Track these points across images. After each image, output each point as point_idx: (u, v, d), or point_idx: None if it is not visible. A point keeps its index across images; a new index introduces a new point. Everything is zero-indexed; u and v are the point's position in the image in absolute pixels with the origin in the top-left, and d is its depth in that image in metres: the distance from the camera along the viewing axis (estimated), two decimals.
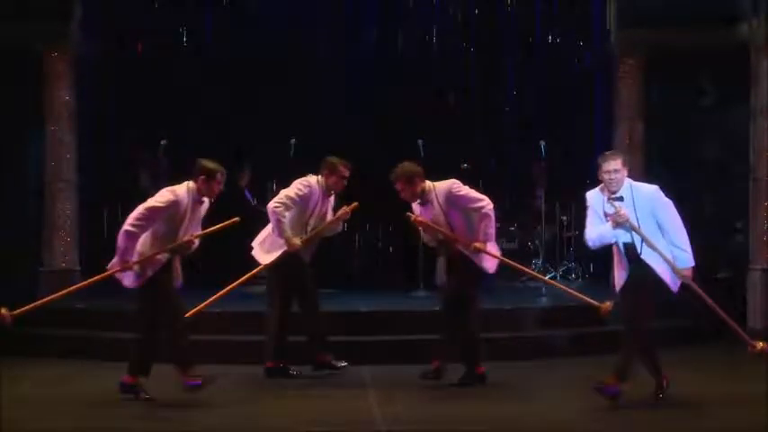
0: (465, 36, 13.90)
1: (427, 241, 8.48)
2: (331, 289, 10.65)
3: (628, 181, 7.23)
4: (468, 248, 7.96)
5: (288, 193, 8.41)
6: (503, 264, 8.24)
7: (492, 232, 8.04)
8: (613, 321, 7.80)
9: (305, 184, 8.45)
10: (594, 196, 7.30)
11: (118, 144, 13.02)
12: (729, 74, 11.78)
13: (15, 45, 11.69)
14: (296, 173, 9.41)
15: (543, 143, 11.79)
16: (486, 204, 7.98)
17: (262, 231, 8.62)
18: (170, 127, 12.66)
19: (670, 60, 11.96)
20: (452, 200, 7.99)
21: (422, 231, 8.40)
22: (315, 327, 8.59)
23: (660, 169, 12.15)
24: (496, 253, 8.16)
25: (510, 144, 13.82)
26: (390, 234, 12.76)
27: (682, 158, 12.07)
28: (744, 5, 11.60)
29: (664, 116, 12.15)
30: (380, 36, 13.84)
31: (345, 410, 7.28)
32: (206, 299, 7.75)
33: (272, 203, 8.36)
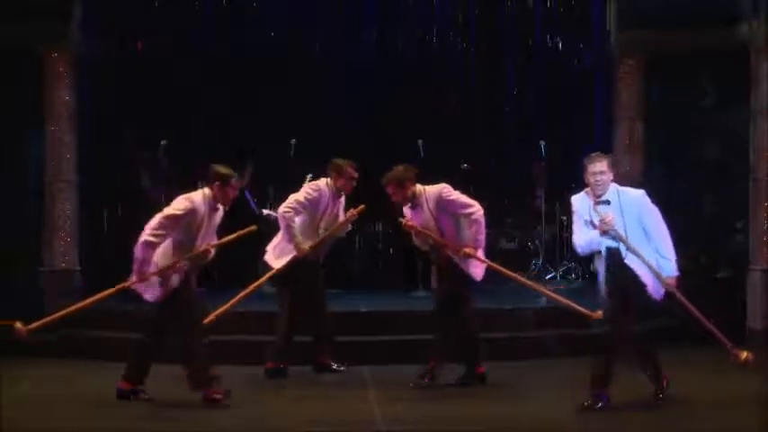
0: (465, 36, 13.89)
1: (419, 245, 8.45)
2: (331, 289, 10.64)
3: (614, 185, 7.12)
4: (457, 254, 7.94)
5: (297, 198, 8.44)
6: (493, 270, 8.18)
7: (481, 238, 8.00)
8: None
9: (314, 188, 8.48)
10: (580, 200, 7.18)
11: (118, 144, 13.02)
12: (729, 74, 11.78)
13: (15, 45, 11.68)
14: (296, 173, 9.44)
15: (543, 143, 11.79)
16: (476, 210, 7.94)
17: (276, 236, 8.64)
18: (170, 127, 12.67)
19: (670, 60, 11.96)
20: (442, 204, 7.96)
21: (413, 236, 8.39)
22: (320, 328, 8.60)
23: (660, 169, 12.16)
24: (486, 259, 8.11)
25: (510, 144, 13.82)
26: (390, 235, 12.75)
27: (682, 158, 12.07)
28: (744, 6, 11.60)
29: (664, 116, 12.14)
30: (380, 36, 13.83)
31: (345, 410, 7.28)
32: (217, 305, 7.73)
33: (282, 208, 8.40)
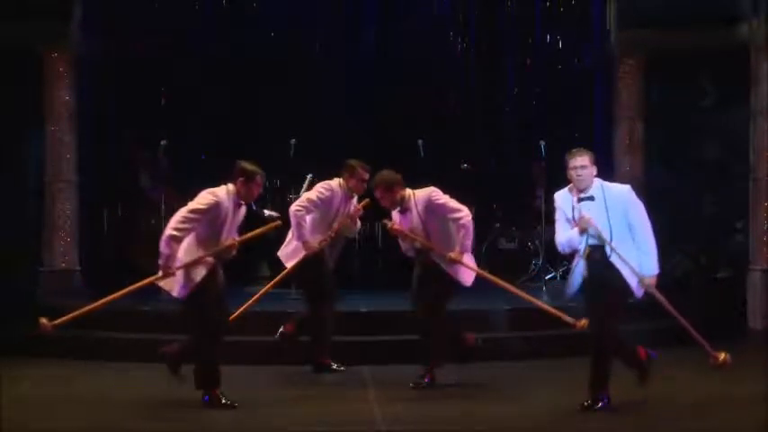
0: (465, 36, 13.88)
1: (405, 250, 8.38)
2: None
3: (598, 180, 6.97)
4: (443, 259, 7.93)
5: (309, 197, 8.48)
6: (481, 277, 8.12)
7: (469, 244, 7.96)
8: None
9: (326, 188, 8.50)
10: (563, 197, 7.02)
11: (118, 144, 13.03)
12: (729, 74, 11.79)
13: (15, 45, 11.70)
14: (296, 173, 9.44)
15: (543, 143, 11.78)
16: (464, 215, 7.91)
17: (288, 236, 8.67)
18: (170, 127, 12.67)
19: (670, 60, 11.97)
20: (431, 208, 7.94)
21: (399, 240, 8.37)
22: (323, 329, 8.62)
23: (660, 169, 12.17)
24: (473, 265, 8.07)
25: (510, 144, 13.81)
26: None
27: (682, 158, 12.08)
28: (744, 5, 11.61)
29: (664, 116, 12.15)
30: (380, 36, 13.82)
31: (345, 410, 7.28)
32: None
33: (294, 206, 8.45)
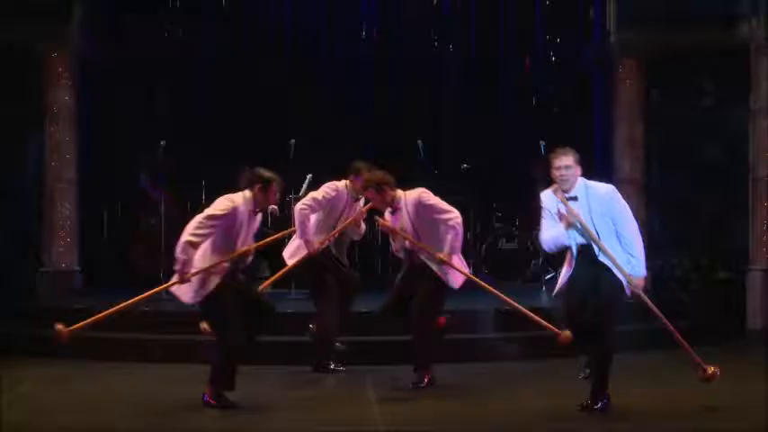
0: (465, 36, 13.88)
1: (396, 250, 8.36)
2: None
3: (582, 180, 6.84)
4: (432, 259, 7.93)
5: (315, 196, 8.49)
6: (469, 279, 8.08)
7: (458, 246, 7.93)
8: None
9: (332, 188, 8.50)
10: (548, 196, 6.90)
11: (118, 144, 13.03)
12: (729, 74, 11.80)
13: (16, 45, 11.71)
14: (296, 173, 9.44)
15: (543, 143, 11.78)
16: (454, 217, 7.88)
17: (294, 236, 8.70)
18: (170, 127, 12.67)
19: (670, 60, 11.98)
20: (420, 209, 7.92)
21: (391, 239, 8.35)
22: (325, 330, 8.64)
23: (660, 169, 12.17)
24: (462, 267, 8.03)
25: (510, 144, 13.81)
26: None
27: (682, 158, 12.08)
28: (744, 5, 11.62)
29: (664, 116, 12.15)
30: (380, 36, 13.83)
31: (345, 411, 7.28)
32: None
33: (299, 205, 8.45)
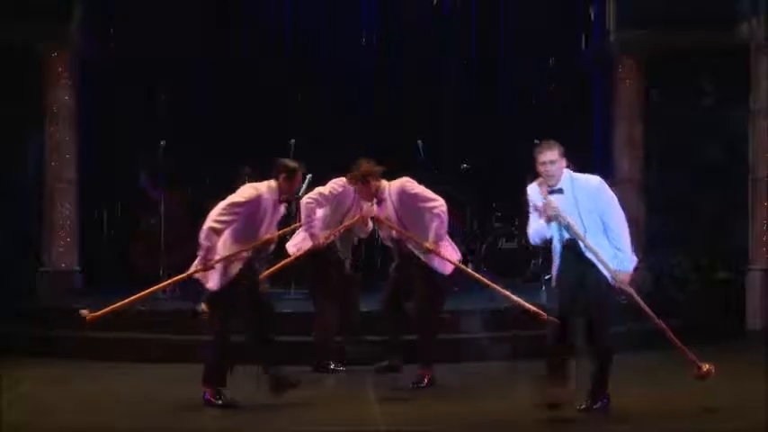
0: (464, 36, 13.88)
1: (383, 239, 8.43)
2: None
3: (568, 172, 6.74)
4: (419, 248, 7.92)
5: (322, 191, 8.51)
6: (457, 268, 8.09)
7: (443, 233, 7.93)
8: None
9: (339, 184, 8.52)
10: (533, 190, 6.80)
11: (118, 144, 13.03)
12: (729, 74, 11.80)
13: (16, 45, 11.71)
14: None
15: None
16: (438, 205, 7.89)
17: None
18: (170, 127, 12.67)
19: (670, 60, 11.97)
20: (404, 197, 7.93)
21: (378, 229, 8.37)
22: (325, 329, 8.65)
23: (660, 169, 12.17)
24: (450, 255, 8.02)
25: (510, 144, 13.81)
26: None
27: (682, 158, 12.08)
28: (744, 5, 11.62)
29: (664, 116, 12.15)
30: (380, 36, 13.83)
31: (345, 411, 7.28)
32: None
33: (306, 198, 8.48)
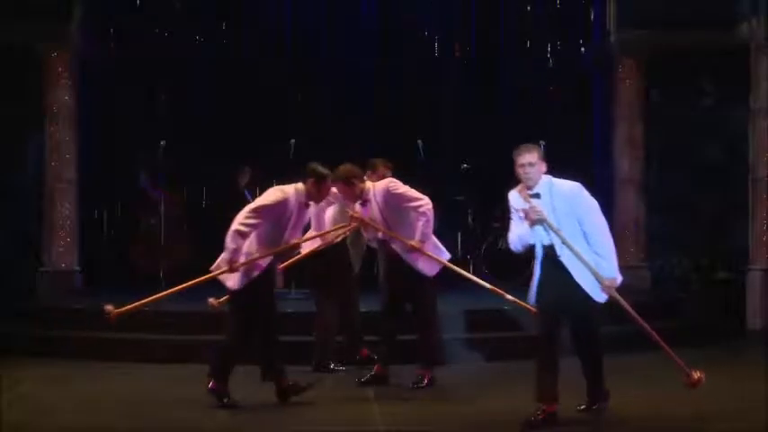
0: (465, 35, 13.88)
1: (368, 240, 8.41)
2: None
3: (547, 177, 6.60)
4: (404, 248, 7.92)
5: (333, 189, 8.49)
6: (444, 267, 8.05)
7: (428, 232, 7.92)
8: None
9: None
10: (514, 195, 6.66)
11: (118, 144, 13.04)
12: (729, 74, 11.80)
13: (16, 45, 11.71)
14: (296, 173, 9.39)
15: (543, 143, 11.76)
16: (424, 203, 7.89)
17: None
18: (170, 127, 12.67)
19: (670, 60, 11.98)
20: (389, 198, 7.92)
21: (362, 230, 8.33)
22: (326, 329, 8.67)
23: (660, 169, 12.18)
24: (435, 254, 8.00)
25: (510, 144, 13.78)
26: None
27: (682, 158, 12.09)
28: (744, 5, 11.62)
29: (664, 116, 12.16)
30: (380, 36, 13.83)
31: (345, 411, 7.28)
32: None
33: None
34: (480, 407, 7.40)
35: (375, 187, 8.01)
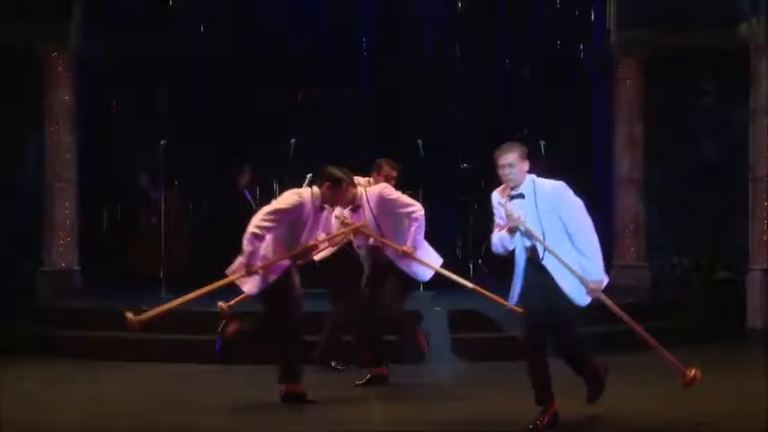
0: (464, 35, 13.87)
1: (357, 247, 8.23)
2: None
3: (531, 177, 6.38)
4: (396, 254, 7.89)
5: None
6: (436, 272, 8.04)
7: (421, 238, 7.93)
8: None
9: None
10: (496, 197, 6.50)
11: (118, 144, 13.04)
12: (729, 74, 11.81)
13: (16, 45, 11.71)
14: (296, 173, 9.40)
15: (543, 143, 11.78)
16: (416, 209, 7.89)
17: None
18: (170, 127, 12.67)
19: (670, 60, 11.99)
20: (383, 203, 7.89)
21: (352, 236, 8.18)
22: (331, 328, 8.67)
23: (660, 169, 12.18)
24: (429, 259, 8.01)
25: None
26: None
27: (681, 159, 12.09)
28: (744, 5, 11.62)
29: (664, 116, 12.16)
30: (380, 35, 13.83)
31: (345, 410, 7.27)
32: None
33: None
34: (481, 406, 7.40)
35: (368, 193, 7.97)
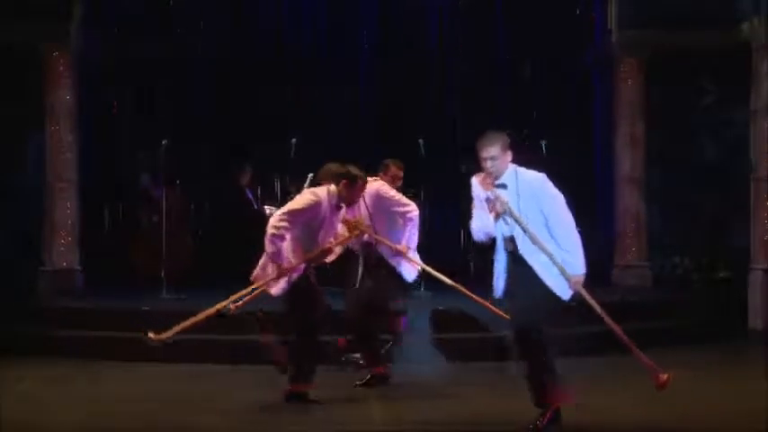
0: (464, 35, 13.87)
1: (352, 243, 8.16)
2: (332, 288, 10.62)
3: (513, 167, 6.37)
4: (390, 251, 7.92)
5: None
6: (426, 272, 8.12)
7: (415, 239, 7.99)
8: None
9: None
10: (476, 184, 6.44)
11: (118, 144, 13.04)
12: (729, 74, 11.80)
13: (16, 45, 11.71)
14: (296, 173, 9.40)
15: (543, 143, 11.77)
16: (412, 209, 7.95)
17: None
18: (170, 127, 12.67)
19: (670, 60, 11.98)
20: (378, 200, 7.94)
21: (346, 232, 8.25)
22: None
23: (661, 169, 12.17)
24: (418, 260, 8.06)
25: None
26: None
27: (682, 158, 12.09)
28: (744, 5, 11.62)
29: (664, 116, 12.16)
30: (380, 35, 13.83)
31: (345, 410, 7.27)
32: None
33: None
34: (481, 406, 7.40)
35: (365, 189, 7.99)
